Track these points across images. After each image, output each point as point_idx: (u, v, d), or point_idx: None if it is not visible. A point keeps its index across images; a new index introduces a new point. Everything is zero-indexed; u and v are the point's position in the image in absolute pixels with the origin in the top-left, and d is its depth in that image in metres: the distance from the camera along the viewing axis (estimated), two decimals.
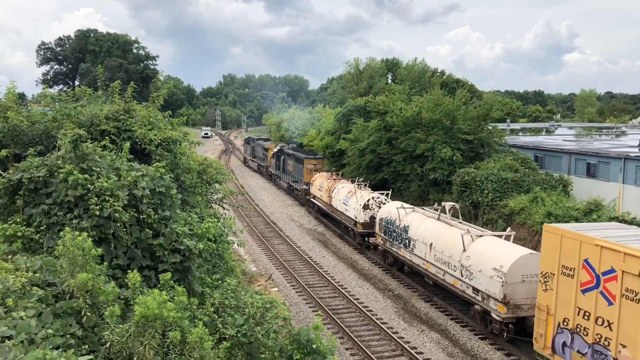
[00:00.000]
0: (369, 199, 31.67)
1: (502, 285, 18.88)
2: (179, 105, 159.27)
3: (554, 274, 16.33)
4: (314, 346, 9.22)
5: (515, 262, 18.93)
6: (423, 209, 27.54)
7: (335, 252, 31.80)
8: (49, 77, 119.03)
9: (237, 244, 16.85)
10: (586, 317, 15.24)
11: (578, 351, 15.49)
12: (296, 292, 25.18)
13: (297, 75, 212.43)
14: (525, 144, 43.14)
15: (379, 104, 43.81)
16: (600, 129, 78.09)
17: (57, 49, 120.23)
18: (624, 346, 14.02)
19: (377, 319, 21.60)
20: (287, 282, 26.52)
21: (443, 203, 25.62)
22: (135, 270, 8.27)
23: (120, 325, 7.11)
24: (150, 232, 9.49)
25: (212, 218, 13.70)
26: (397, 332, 20.43)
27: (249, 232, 35.78)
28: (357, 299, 24.01)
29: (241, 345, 9.31)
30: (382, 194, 32.56)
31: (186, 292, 8.54)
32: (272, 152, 58.10)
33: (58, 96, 16.03)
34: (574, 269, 15.54)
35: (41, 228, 9.29)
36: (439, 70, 79.33)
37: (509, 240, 21.24)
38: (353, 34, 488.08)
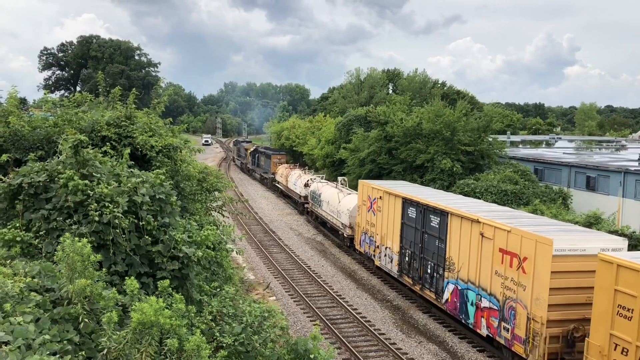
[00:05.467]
0: (308, 180, 43.09)
1: (349, 217, 31.90)
2: (180, 113, 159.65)
3: (360, 205, 29.37)
4: (312, 356, 9.19)
5: (356, 205, 30.89)
6: (333, 182, 39.83)
7: (334, 262, 31.74)
8: (50, 83, 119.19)
9: (236, 252, 16.79)
10: (368, 225, 28.07)
11: (367, 243, 28.55)
12: (294, 301, 25.08)
13: (298, 84, 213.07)
14: (525, 156, 43.21)
15: (380, 114, 43.90)
16: (600, 143, 78.27)
17: (60, 55, 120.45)
18: (377, 234, 26.88)
19: (375, 329, 21.50)
20: (285, 291, 26.43)
21: (338, 177, 40.28)
22: (132, 277, 8.25)
23: (118, 332, 7.09)
24: (150, 238, 9.47)
25: (211, 226, 13.67)
26: (395, 344, 20.33)
27: (247, 240, 35.72)
28: (355, 309, 23.92)
29: (238, 354, 9.27)
30: (319, 176, 44.10)
31: (184, 300, 8.52)
32: (250, 152, 72.82)
33: (59, 102, 16.05)
34: (366, 200, 28.25)
35: (40, 233, 9.27)
36: (439, 81, 79.65)
37: None
38: (354, 43, 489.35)
